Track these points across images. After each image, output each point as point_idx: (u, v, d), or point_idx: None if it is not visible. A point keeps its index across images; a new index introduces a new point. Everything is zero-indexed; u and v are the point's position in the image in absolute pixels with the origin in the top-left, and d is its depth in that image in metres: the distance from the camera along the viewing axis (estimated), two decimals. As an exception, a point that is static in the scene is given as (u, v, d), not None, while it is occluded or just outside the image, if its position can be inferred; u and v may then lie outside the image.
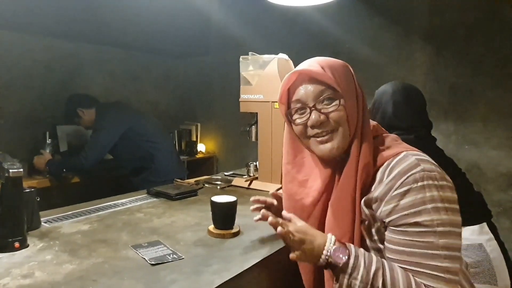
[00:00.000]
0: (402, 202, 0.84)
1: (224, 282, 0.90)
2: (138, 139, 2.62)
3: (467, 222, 1.49)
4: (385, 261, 0.86)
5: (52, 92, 3.08)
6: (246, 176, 1.97)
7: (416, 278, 0.83)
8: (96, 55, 3.43)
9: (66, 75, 3.20)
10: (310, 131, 0.96)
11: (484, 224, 1.51)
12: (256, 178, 1.90)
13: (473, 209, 1.54)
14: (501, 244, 1.50)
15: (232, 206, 1.21)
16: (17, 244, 1.05)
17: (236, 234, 1.20)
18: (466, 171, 1.67)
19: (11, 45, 2.86)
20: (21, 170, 1.06)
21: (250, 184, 1.88)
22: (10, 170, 1.04)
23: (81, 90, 3.31)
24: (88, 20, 2.87)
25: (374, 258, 0.86)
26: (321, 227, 0.98)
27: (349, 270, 0.83)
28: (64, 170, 2.65)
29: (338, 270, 0.85)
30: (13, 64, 2.87)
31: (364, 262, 0.83)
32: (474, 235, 1.48)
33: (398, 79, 1.92)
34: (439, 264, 0.81)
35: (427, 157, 0.90)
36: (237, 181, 1.93)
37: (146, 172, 2.64)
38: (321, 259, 0.87)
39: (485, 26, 2.62)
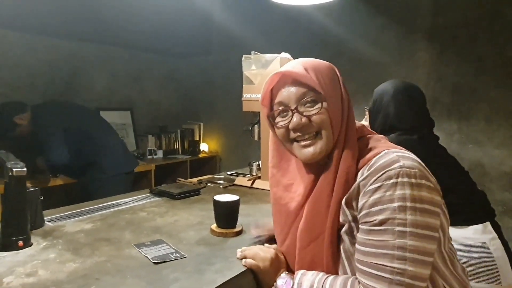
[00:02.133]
0: (371, 198, 0.80)
1: (227, 281, 0.91)
2: (79, 137, 2.57)
3: (470, 221, 1.50)
4: (330, 278, 0.86)
5: (55, 91, 3.09)
6: (248, 175, 1.97)
7: (360, 279, 0.81)
8: (99, 55, 3.44)
9: (69, 74, 3.21)
10: (292, 135, 0.93)
11: (488, 223, 1.50)
12: (259, 177, 1.90)
13: (476, 208, 1.54)
14: (504, 243, 1.49)
15: (234, 205, 1.21)
16: (20, 243, 1.05)
17: (239, 233, 1.20)
18: (469, 170, 1.67)
19: (14, 45, 2.87)
20: (25, 169, 1.06)
21: (252, 183, 1.88)
22: (14, 169, 1.04)
23: (84, 89, 3.33)
24: (91, 20, 2.88)
25: (317, 279, 0.87)
26: None
27: None
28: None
29: None
30: (16, 64, 2.89)
31: (307, 286, 0.88)
32: (477, 234, 1.48)
33: (400, 78, 1.91)
34: (387, 264, 0.76)
35: (411, 155, 0.86)
36: (239, 180, 1.93)
37: (93, 170, 2.59)
38: None
39: (488, 25, 2.61)
